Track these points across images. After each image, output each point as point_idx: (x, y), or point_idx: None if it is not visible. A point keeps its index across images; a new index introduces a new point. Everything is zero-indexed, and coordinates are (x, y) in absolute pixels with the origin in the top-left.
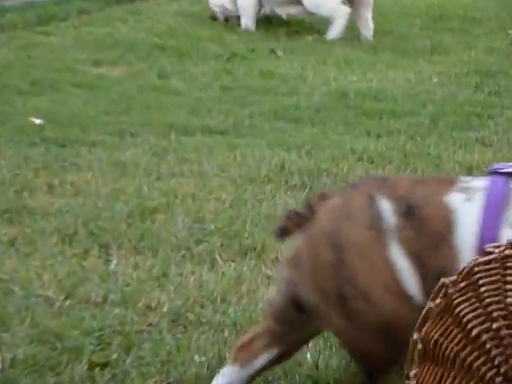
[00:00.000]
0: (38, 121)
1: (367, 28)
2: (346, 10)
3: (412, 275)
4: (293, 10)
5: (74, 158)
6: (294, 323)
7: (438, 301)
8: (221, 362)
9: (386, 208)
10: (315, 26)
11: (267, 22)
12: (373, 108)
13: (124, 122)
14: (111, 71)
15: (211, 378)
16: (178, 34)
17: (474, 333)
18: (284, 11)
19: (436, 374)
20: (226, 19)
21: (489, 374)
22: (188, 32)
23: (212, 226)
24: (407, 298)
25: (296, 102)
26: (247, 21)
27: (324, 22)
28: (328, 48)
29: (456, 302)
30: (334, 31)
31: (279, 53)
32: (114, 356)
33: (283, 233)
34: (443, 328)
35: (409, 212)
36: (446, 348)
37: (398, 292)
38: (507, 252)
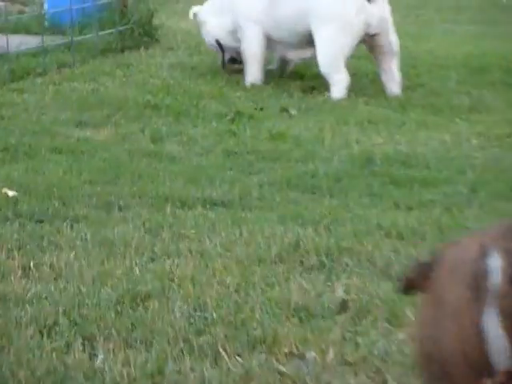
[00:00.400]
0: (11, 193)
1: (394, 82)
2: (345, 79)
3: (504, 353)
4: (308, 54)
5: (54, 235)
6: None
7: None
8: None
9: (496, 265)
10: None
11: (278, 75)
12: (402, 175)
13: (112, 193)
14: (97, 134)
15: None
16: (175, 91)
17: None
18: (297, 55)
19: None
20: (234, 60)
21: None
22: (186, 88)
23: (215, 315)
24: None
25: (312, 168)
26: (255, 71)
27: None
28: (349, 105)
29: None
30: (334, 94)
31: (292, 111)
32: None
33: (407, 286)
34: None
35: None
36: None
37: (477, 368)
38: None
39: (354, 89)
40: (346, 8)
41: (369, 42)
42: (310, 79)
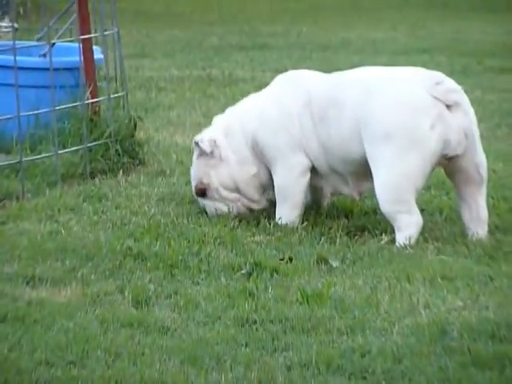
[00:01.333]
0: None
1: (479, 221)
2: (417, 221)
3: None
4: (367, 186)
5: None
6: None
7: None
8: None
9: None
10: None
11: (314, 210)
12: (489, 353)
13: (78, 378)
14: (56, 295)
15: None
16: (167, 234)
17: None
18: (356, 189)
19: None
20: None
21: None
22: (183, 229)
23: None
24: None
25: (362, 343)
26: (289, 211)
27: None
28: (414, 254)
29: None
30: (400, 240)
31: (334, 263)
32: None
33: None
34: None
35: None
36: None
37: None
38: None
39: (421, 230)
40: (416, 117)
41: (447, 165)
42: (359, 217)
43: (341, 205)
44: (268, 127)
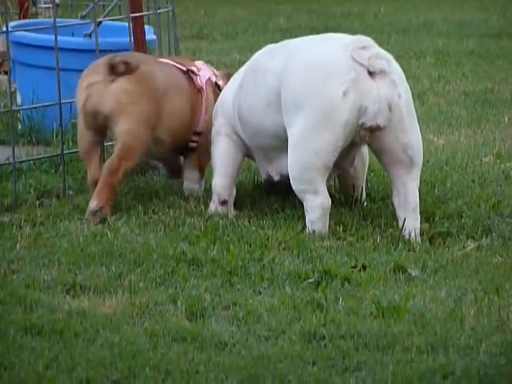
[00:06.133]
0: None
1: (406, 207)
2: (320, 203)
3: None
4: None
5: None
6: None
7: None
8: None
9: None
10: (481, 223)
11: (390, 211)
12: None
13: None
14: (99, 305)
15: None
16: (225, 237)
17: None
18: (274, 169)
19: None
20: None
21: None
22: (243, 232)
23: None
24: None
25: (444, 363)
26: (217, 179)
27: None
28: (504, 264)
29: None
30: (308, 224)
31: (413, 272)
32: None
33: None
34: None
35: None
36: None
37: None
38: None
39: (506, 234)
40: (327, 82)
41: (370, 141)
42: (442, 220)
43: (421, 207)
44: None
